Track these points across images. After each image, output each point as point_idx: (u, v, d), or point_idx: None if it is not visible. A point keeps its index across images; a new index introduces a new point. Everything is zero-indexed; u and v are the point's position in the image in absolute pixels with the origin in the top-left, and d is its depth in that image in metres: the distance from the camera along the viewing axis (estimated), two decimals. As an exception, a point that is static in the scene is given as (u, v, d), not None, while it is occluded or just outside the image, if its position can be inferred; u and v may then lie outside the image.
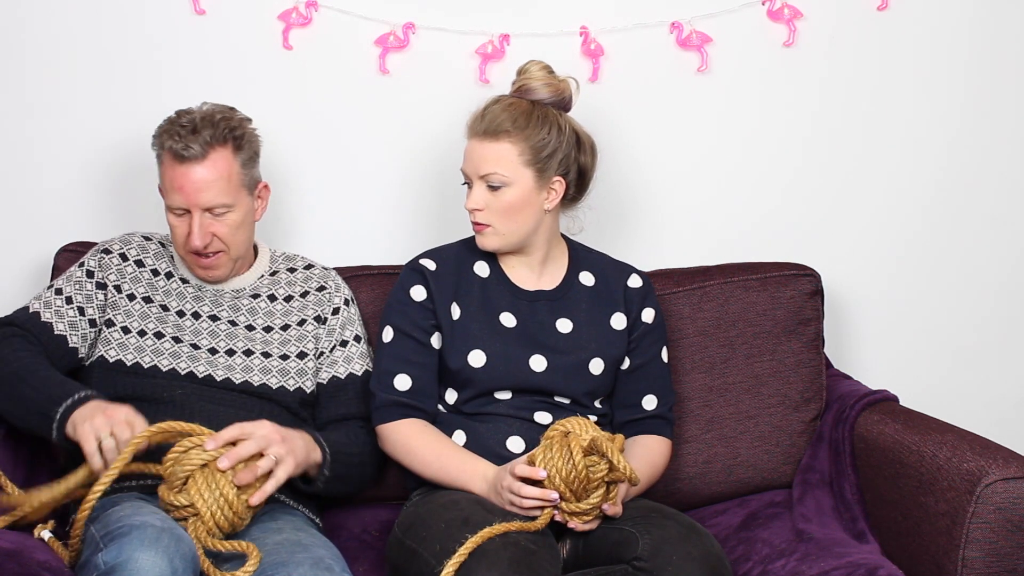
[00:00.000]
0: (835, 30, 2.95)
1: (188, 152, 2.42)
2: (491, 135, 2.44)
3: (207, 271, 2.52)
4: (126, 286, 2.53)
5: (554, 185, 2.48)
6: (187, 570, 2.07)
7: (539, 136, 2.45)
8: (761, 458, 2.71)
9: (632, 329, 2.57)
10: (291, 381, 2.51)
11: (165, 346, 2.49)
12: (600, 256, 2.64)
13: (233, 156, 2.47)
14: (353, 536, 2.53)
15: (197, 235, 2.45)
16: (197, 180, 2.43)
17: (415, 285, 2.52)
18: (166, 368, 2.47)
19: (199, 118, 2.46)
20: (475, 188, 2.46)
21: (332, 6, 2.85)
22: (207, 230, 2.46)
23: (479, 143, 2.46)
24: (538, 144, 2.45)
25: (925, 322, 3.04)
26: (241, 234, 2.51)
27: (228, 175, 2.46)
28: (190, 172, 2.43)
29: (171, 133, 2.45)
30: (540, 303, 2.54)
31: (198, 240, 2.45)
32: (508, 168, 2.44)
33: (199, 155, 2.43)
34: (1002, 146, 3.02)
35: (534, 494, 2.27)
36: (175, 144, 2.43)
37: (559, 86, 2.50)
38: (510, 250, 2.52)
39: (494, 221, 2.47)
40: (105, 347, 2.48)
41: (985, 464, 2.27)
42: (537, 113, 2.46)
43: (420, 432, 2.46)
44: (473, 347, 2.48)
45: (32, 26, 2.81)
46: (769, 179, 2.98)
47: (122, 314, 2.51)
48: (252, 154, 2.52)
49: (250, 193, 2.52)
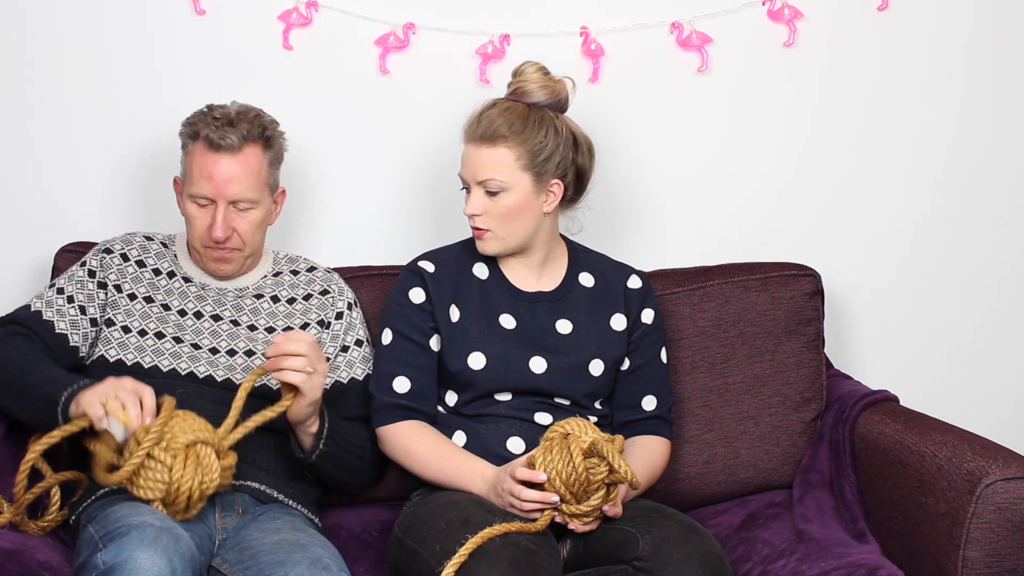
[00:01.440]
0: (835, 30, 2.95)
1: (225, 142, 2.44)
2: (487, 140, 2.44)
3: (219, 264, 2.53)
4: (127, 286, 2.53)
5: (552, 188, 2.48)
6: (186, 569, 2.07)
7: (536, 140, 2.44)
8: (761, 458, 2.71)
9: (632, 330, 2.57)
10: None
11: (166, 346, 2.49)
12: (600, 257, 2.64)
13: (263, 154, 2.49)
14: (353, 536, 2.53)
15: (220, 226, 2.46)
16: (229, 171, 2.45)
17: (414, 287, 2.52)
18: (166, 368, 2.47)
19: (235, 112, 2.49)
20: (473, 193, 2.46)
21: (332, 6, 2.85)
22: (229, 223, 2.47)
23: (476, 148, 2.45)
24: (535, 148, 2.44)
25: (925, 322, 3.04)
26: (258, 234, 2.53)
27: (258, 171, 2.48)
28: (223, 162, 2.45)
29: (207, 122, 2.47)
30: (539, 305, 2.54)
31: (220, 231, 2.46)
32: (505, 173, 2.44)
33: (235, 146, 2.45)
34: (1002, 146, 3.02)
35: (534, 497, 2.27)
36: (212, 133, 2.45)
37: (555, 87, 2.49)
38: (510, 253, 2.52)
39: (493, 226, 2.47)
40: (105, 346, 2.48)
41: (985, 464, 2.27)
42: (533, 116, 2.46)
43: (419, 433, 2.46)
44: (473, 349, 2.48)
45: (32, 26, 2.81)
46: (769, 179, 2.98)
47: (122, 313, 2.51)
48: (277, 156, 2.55)
49: (271, 195, 2.54)
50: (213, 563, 2.29)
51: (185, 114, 2.58)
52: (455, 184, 2.58)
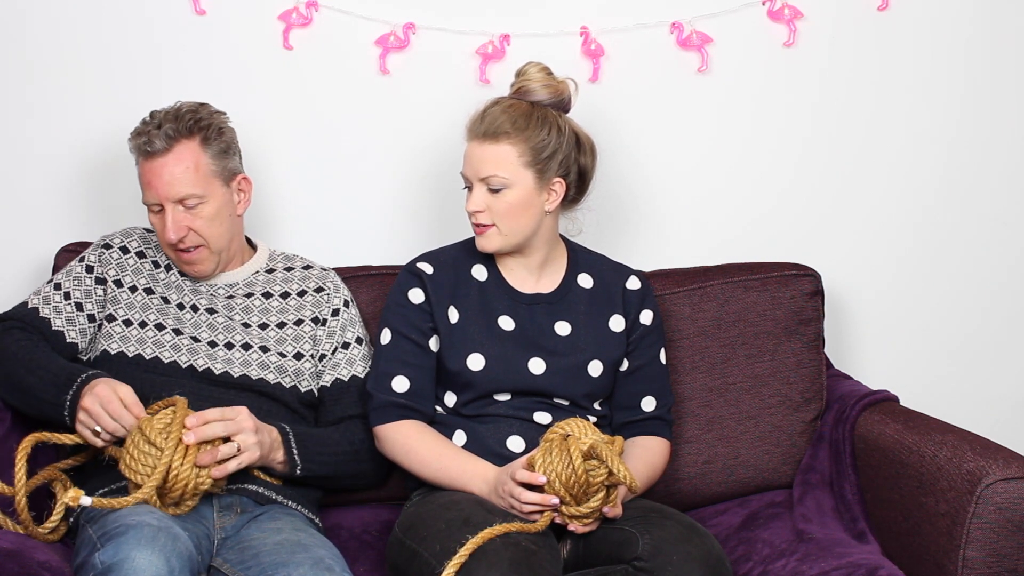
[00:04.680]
0: (835, 30, 2.95)
1: (151, 147, 2.46)
2: (491, 137, 2.44)
3: (190, 267, 2.53)
4: (127, 279, 2.54)
5: (554, 186, 2.48)
6: (184, 569, 2.07)
7: (539, 137, 2.44)
8: (761, 458, 2.71)
9: (631, 331, 2.57)
10: (287, 379, 2.52)
11: (166, 338, 2.50)
12: (599, 258, 2.64)
13: (200, 148, 2.49)
14: (353, 536, 2.53)
15: (171, 228, 2.47)
16: (164, 173, 2.46)
17: (412, 288, 2.52)
18: (167, 360, 2.47)
19: (163, 114, 2.50)
20: (475, 191, 2.46)
21: (332, 6, 2.85)
22: (181, 224, 2.47)
23: (479, 145, 2.45)
24: (538, 145, 2.44)
25: (925, 322, 3.04)
26: (218, 227, 2.51)
27: (195, 166, 2.47)
28: (156, 166, 2.47)
29: (138, 132, 2.49)
30: (538, 306, 2.54)
31: (172, 234, 2.47)
32: (508, 170, 2.44)
33: (163, 148, 2.46)
34: (1002, 146, 3.02)
35: (534, 499, 2.27)
36: (140, 141, 2.48)
37: (558, 87, 2.50)
38: (510, 251, 2.52)
39: (496, 221, 2.46)
40: (107, 341, 2.49)
41: (985, 464, 2.27)
42: (537, 114, 2.46)
43: (419, 433, 2.45)
44: (472, 350, 2.47)
45: (33, 26, 2.81)
46: (769, 179, 2.98)
47: (123, 307, 2.52)
48: (225, 146, 2.53)
49: (225, 185, 2.52)
50: (213, 563, 2.29)
51: (185, 114, 2.59)
52: (454, 184, 2.58)
